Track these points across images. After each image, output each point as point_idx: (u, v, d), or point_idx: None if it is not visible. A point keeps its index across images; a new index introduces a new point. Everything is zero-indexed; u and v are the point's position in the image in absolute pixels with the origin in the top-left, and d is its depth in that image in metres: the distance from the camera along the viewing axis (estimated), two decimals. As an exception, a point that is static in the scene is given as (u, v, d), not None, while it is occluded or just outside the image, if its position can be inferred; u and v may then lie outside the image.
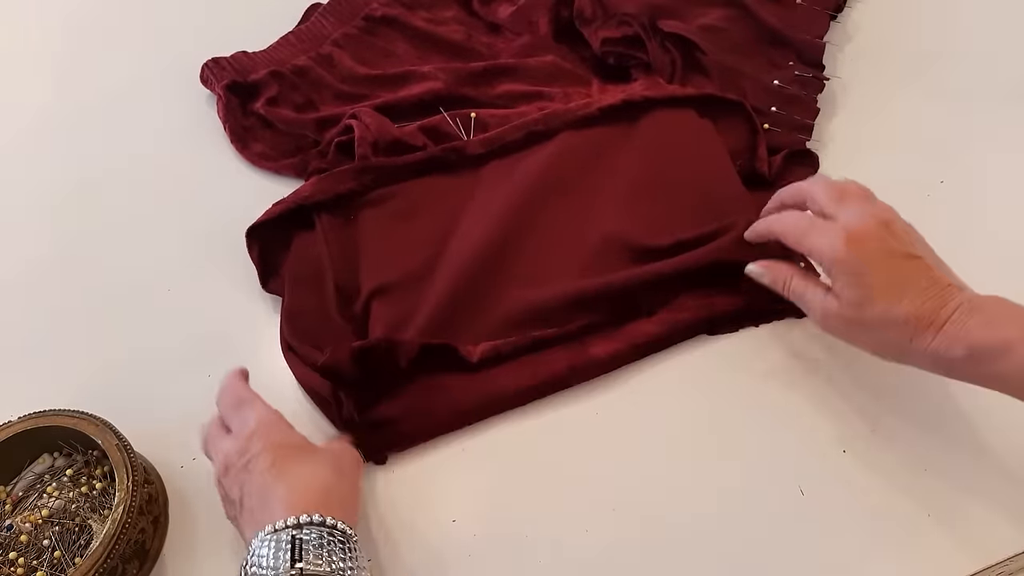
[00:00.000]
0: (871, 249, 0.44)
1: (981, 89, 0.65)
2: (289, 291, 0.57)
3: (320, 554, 0.39)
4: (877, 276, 0.44)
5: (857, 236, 0.44)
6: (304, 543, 0.39)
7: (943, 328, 0.42)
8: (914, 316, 0.42)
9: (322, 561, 0.39)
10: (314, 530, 0.40)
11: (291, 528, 0.40)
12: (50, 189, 0.67)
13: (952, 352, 0.41)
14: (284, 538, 0.39)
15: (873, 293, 0.43)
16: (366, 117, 0.62)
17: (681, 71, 0.64)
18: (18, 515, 0.49)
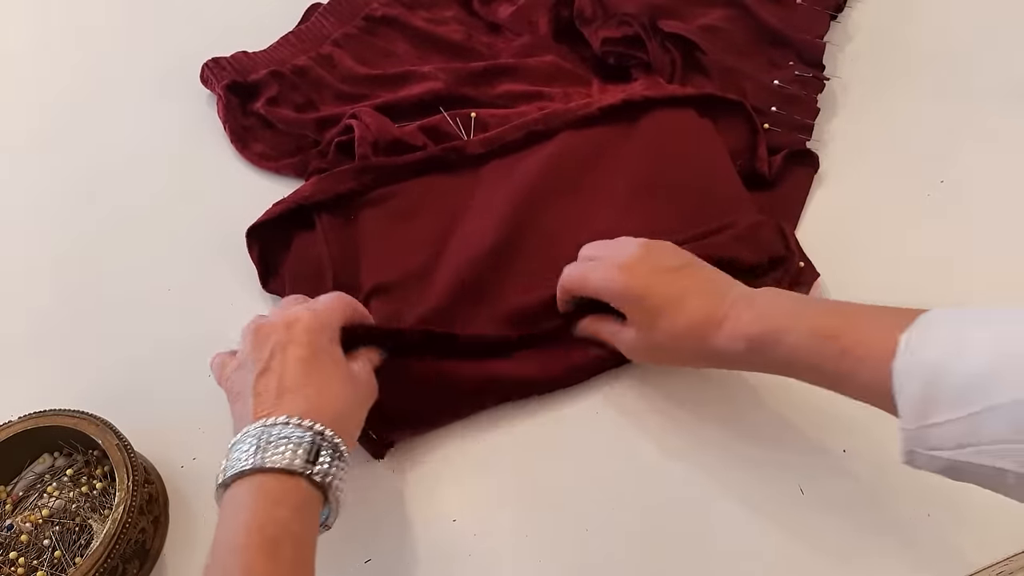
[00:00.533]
0: (640, 272, 0.47)
1: (981, 89, 0.65)
2: (290, 291, 0.57)
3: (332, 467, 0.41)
4: (656, 294, 0.46)
5: (626, 264, 0.48)
6: (322, 449, 0.41)
7: (722, 325, 0.44)
8: (697, 321, 0.45)
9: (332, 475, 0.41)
10: (328, 446, 0.41)
11: (315, 432, 0.41)
12: (50, 189, 0.67)
13: (735, 347, 0.44)
14: (306, 437, 0.40)
15: (657, 312, 0.46)
16: (366, 117, 0.62)
17: (681, 71, 0.64)
18: (18, 515, 0.49)
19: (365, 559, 0.49)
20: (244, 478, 0.40)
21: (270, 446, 0.40)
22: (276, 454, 0.40)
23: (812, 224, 0.59)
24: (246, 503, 0.39)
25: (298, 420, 0.41)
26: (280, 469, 0.39)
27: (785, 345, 0.42)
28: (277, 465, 0.39)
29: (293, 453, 0.40)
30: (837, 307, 0.42)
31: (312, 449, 0.40)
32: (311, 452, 0.40)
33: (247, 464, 0.40)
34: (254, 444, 0.40)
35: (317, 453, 0.41)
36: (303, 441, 0.40)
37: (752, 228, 0.55)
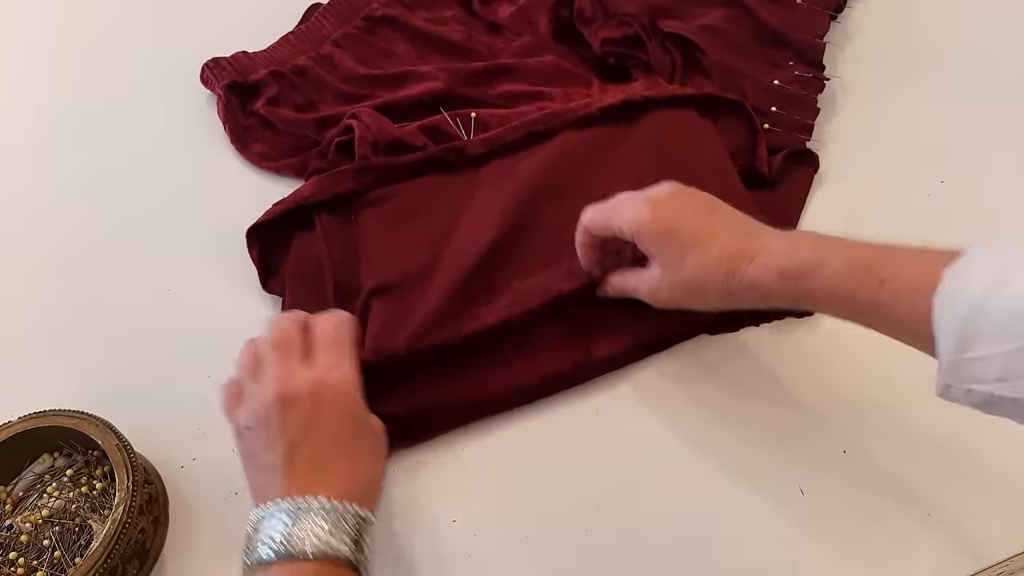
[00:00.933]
0: (674, 208, 0.46)
1: (981, 89, 0.65)
2: (289, 291, 0.57)
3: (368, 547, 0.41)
4: (685, 230, 0.45)
5: (658, 199, 0.46)
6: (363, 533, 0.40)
7: (754, 260, 0.43)
8: (726, 254, 0.44)
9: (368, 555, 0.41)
10: (366, 526, 0.41)
11: (355, 516, 0.40)
12: (50, 189, 0.67)
13: (766, 279, 0.43)
14: (349, 522, 0.40)
15: (685, 246, 0.45)
16: (366, 117, 0.62)
17: (681, 71, 0.64)
18: (18, 515, 0.49)
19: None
20: (284, 564, 0.38)
21: (314, 533, 0.39)
22: (320, 542, 0.38)
23: (812, 224, 0.59)
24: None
25: (342, 506, 0.40)
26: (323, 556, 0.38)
27: (820, 276, 0.41)
28: (321, 553, 0.38)
29: (339, 540, 0.39)
30: (875, 244, 0.41)
31: (354, 534, 0.40)
32: (353, 537, 0.40)
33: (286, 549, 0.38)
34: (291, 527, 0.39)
35: (359, 536, 0.40)
36: (346, 527, 0.40)
37: None
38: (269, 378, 0.44)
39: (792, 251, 0.43)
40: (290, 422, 0.43)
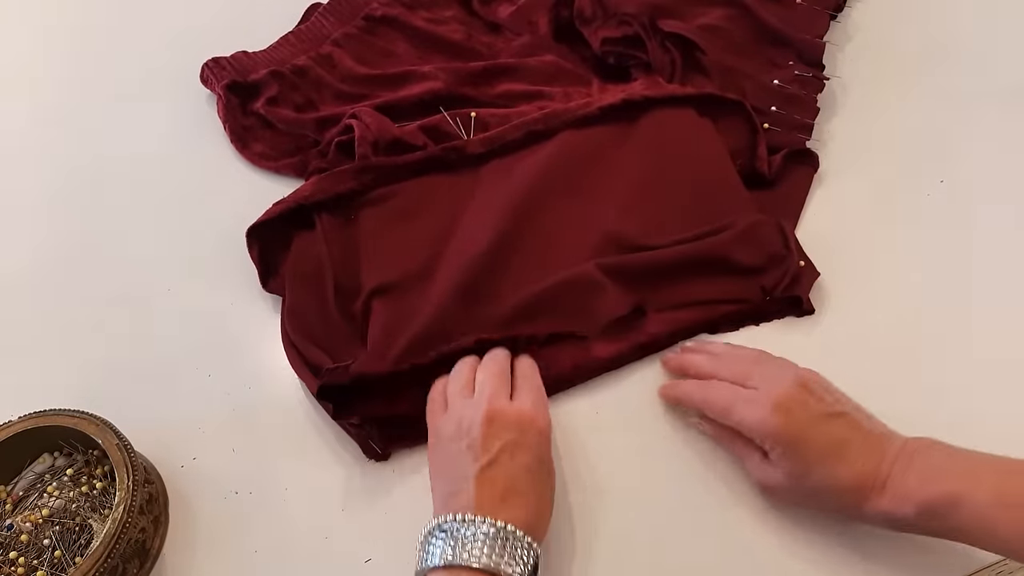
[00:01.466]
0: (799, 417, 0.44)
1: (981, 89, 0.65)
2: (290, 290, 0.57)
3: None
4: (811, 444, 0.44)
5: (782, 405, 0.44)
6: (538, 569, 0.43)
7: (886, 487, 0.42)
8: (856, 480, 0.43)
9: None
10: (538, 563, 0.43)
11: (535, 553, 0.42)
12: (51, 188, 0.67)
13: (903, 512, 0.42)
14: (532, 557, 0.42)
15: (810, 462, 0.44)
16: (366, 117, 0.62)
17: (681, 71, 0.64)
18: (19, 514, 0.49)
19: (365, 559, 0.49)
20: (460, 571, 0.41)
21: (504, 551, 0.41)
22: (511, 563, 0.41)
23: (812, 223, 0.59)
24: None
25: (521, 534, 0.42)
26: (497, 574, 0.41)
27: (964, 512, 0.40)
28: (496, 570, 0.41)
29: (524, 568, 0.41)
30: (1013, 465, 0.40)
31: (529, 562, 0.42)
32: (529, 565, 0.42)
33: (464, 559, 0.41)
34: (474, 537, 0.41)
35: (535, 572, 0.42)
36: (530, 558, 0.42)
37: (751, 227, 0.55)
38: (483, 397, 0.47)
39: (927, 481, 0.41)
40: (494, 441, 0.45)
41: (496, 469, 0.44)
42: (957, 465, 0.41)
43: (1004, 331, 0.53)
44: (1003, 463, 0.41)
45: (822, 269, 0.56)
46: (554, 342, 0.54)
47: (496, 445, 0.44)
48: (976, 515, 0.39)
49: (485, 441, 0.45)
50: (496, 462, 0.44)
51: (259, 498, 0.51)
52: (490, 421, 0.45)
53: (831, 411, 0.44)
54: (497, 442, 0.45)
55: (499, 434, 0.45)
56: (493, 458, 0.44)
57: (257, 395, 0.55)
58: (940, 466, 0.42)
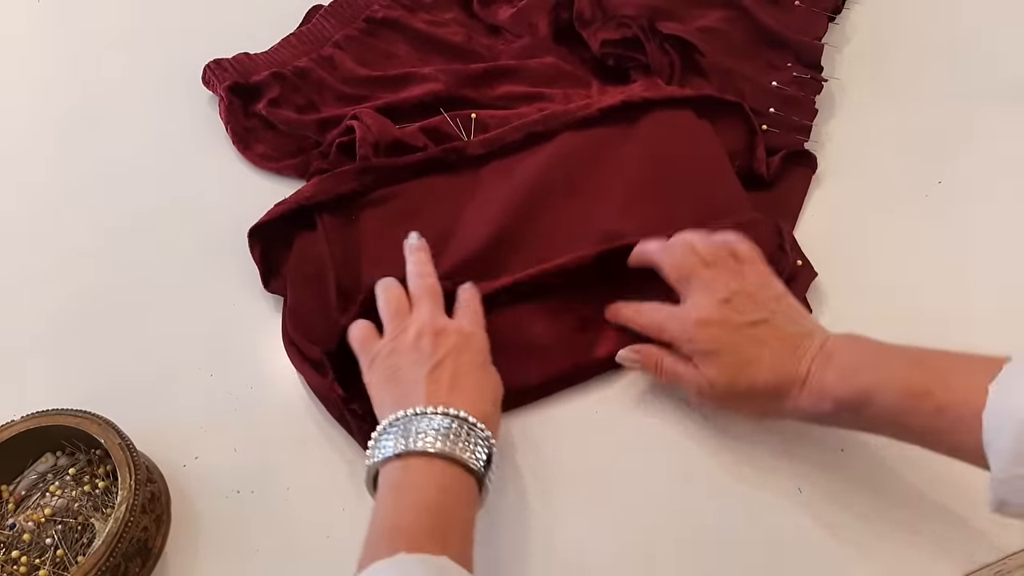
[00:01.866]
0: (718, 331, 0.47)
1: (979, 90, 0.65)
2: (291, 291, 0.57)
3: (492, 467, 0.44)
4: (731, 354, 0.46)
5: (703, 320, 0.47)
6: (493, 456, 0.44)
7: (805, 385, 0.44)
8: (776, 382, 0.45)
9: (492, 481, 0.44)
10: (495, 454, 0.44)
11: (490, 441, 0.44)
12: (53, 191, 0.67)
13: (821, 408, 0.44)
14: (487, 442, 0.44)
15: (731, 371, 0.46)
16: (367, 118, 0.62)
17: (680, 73, 0.65)
18: (21, 514, 0.50)
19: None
20: (416, 457, 0.42)
21: (458, 439, 0.42)
22: (466, 449, 0.42)
23: (810, 224, 0.59)
24: (413, 487, 0.42)
25: (473, 420, 0.44)
26: (455, 459, 0.42)
27: (875, 405, 0.42)
28: (453, 454, 0.42)
29: (471, 449, 0.43)
30: (921, 358, 0.42)
31: (484, 450, 0.43)
32: (484, 452, 0.43)
33: (420, 445, 0.42)
34: (427, 426, 0.43)
35: (490, 459, 0.44)
36: (479, 440, 0.43)
37: (747, 225, 0.55)
38: (425, 312, 0.50)
39: (840, 378, 0.43)
40: (440, 347, 0.47)
41: (443, 369, 0.46)
42: (871, 360, 0.43)
43: (1003, 331, 0.53)
44: (913, 354, 0.42)
45: (819, 269, 0.56)
46: (554, 341, 0.54)
47: (441, 351, 0.47)
48: (887, 407, 0.41)
49: (433, 348, 0.47)
50: (442, 363, 0.46)
51: (261, 497, 0.52)
52: (435, 332, 0.48)
53: (751, 320, 0.47)
54: (442, 348, 0.47)
55: (444, 343, 0.48)
56: (439, 360, 0.47)
57: (259, 395, 0.55)
58: (856, 362, 0.43)
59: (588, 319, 0.54)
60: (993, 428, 0.37)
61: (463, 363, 0.47)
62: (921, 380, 0.41)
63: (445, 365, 0.46)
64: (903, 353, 0.43)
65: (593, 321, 0.54)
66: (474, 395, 0.46)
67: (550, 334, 0.54)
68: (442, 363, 0.46)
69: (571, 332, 0.54)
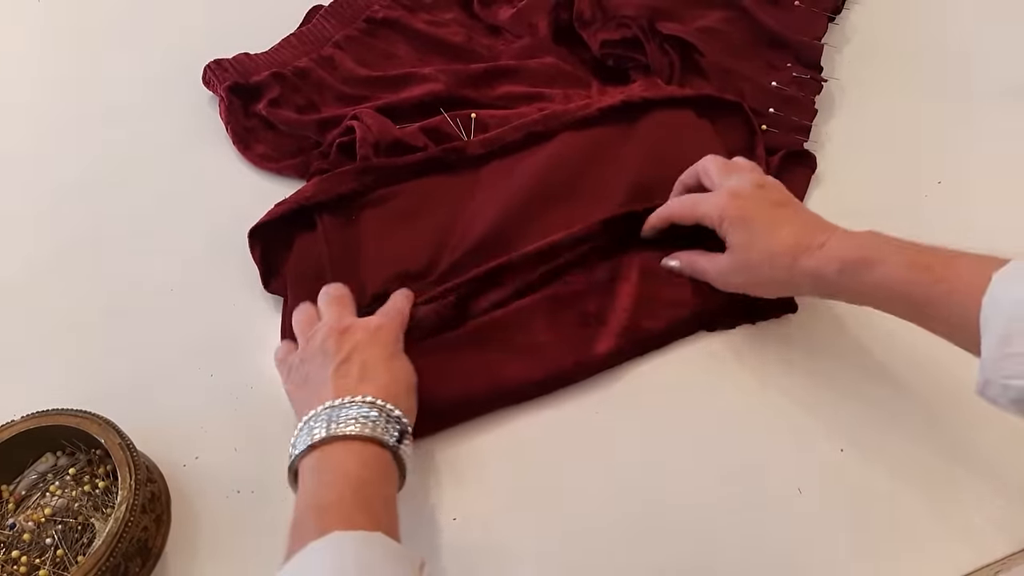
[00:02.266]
0: (751, 200, 0.50)
1: (978, 90, 0.65)
2: (291, 291, 0.57)
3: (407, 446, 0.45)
4: (759, 219, 0.49)
5: (737, 192, 0.51)
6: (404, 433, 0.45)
7: (820, 250, 0.47)
8: (793, 243, 0.48)
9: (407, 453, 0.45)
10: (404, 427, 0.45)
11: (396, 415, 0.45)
12: (53, 190, 0.67)
13: (828, 269, 0.46)
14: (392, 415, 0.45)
15: (757, 231, 0.49)
16: (367, 118, 0.62)
17: (679, 73, 0.65)
18: (21, 514, 0.50)
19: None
20: (332, 443, 0.43)
21: (360, 418, 0.43)
22: (367, 425, 0.43)
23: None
24: (333, 467, 0.42)
25: (382, 402, 0.45)
26: (370, 438, 0.43)
27: (879, 271, 0.44)
28: (367, 434, 0.43)
29: (383, 428, 0.44)
30: (935, 247, 0.44)
31: (396, 428, 0.44)
32: (396, 430, 0.44)
33: (333, 431, 0.43)
34: (340, 415, 0.44)
35: (403, 435, 0.45)
36: (390, 419, 0.44)
37: None
38: (328, 317, 0.51)
39: (854, 246, 0.46)
40: (345, 344, 0.48)
41: (350, 363, 0.47)
42: (888, 240, 0.46)
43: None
44: (920, 244, 0.45)
45: (820, 269, 0.56)
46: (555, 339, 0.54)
47: (347, 348, 0.48)
48: (889, 275, 0.44)
49: (337, 345, 0.48)
50: (349, 359, 0.47)
51: (261, 497, 0.52)
52: (339, 334, 0.49)
53: (780, 199, 0.51)
54: (348, 345, 0.48)
55: (349, 339, 0.49)
56: (345, 356, 0.47)
57: (259, 395, 0.55)
58: (872, 238, 0.46)
59: (589, 316, 0.54)
60: (990, 309, 0.39)
61: (371, 356, 0.48)
62: (927, 258, 0.43)
63: (352, 359, 0.47)
64: (918, 244, 0.45)
65: (594, 318, 0.54)
66: (384, 382, 0.46)
67: (551, 331, 0.54)
68: (349, 358, 0.47)
69: (572, 329, 0.54)
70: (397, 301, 0.54)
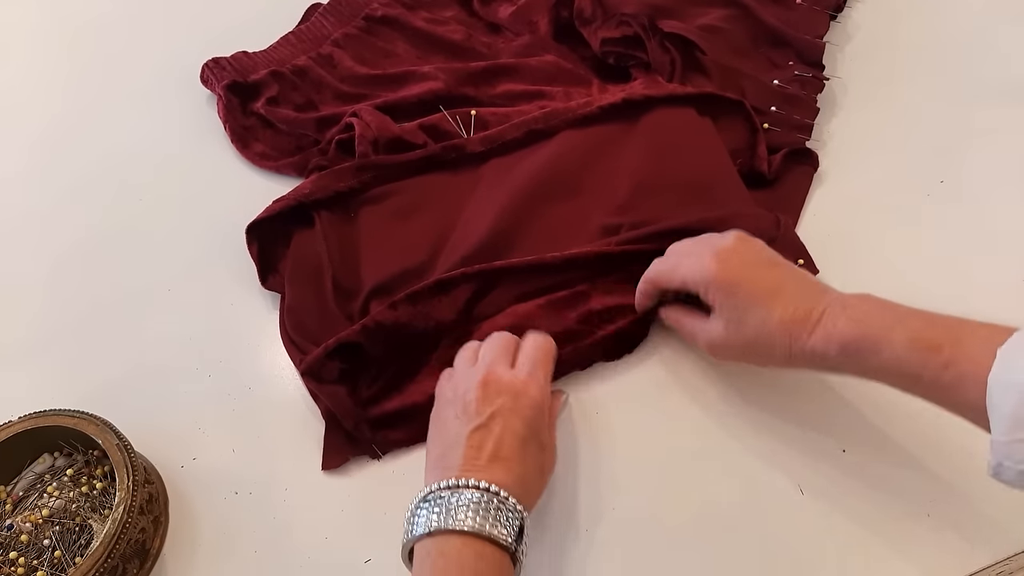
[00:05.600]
0: (737, 263, 0.46)
1: (981, 88, 0.65)
2: (289, 288, 0.57)
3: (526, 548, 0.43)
4: (749, 286, 0.46)
5: (722, 253, 0.47)
6: (524, 531, 0.43)
7: (816, 327, 0.43)
8: (789, 319, 0.44)
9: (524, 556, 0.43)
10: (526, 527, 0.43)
11: (523, 516, 0.43)
12: (50, 189, 0.67)
13: (828, 350, 0.43)
14: (518, 517, 0.42)
15: (747, 304, 0.45)
16: (367, 115, 0.62)
17: (681, 71, 0.64)
18: (18, 515, 0.50)
19: (365, 559, 0.49)
20: (462, 536, 0.41)
21: (489, 515, 0.41)
22: (498, 526, 0.41)
23: (812, 222, 0.59)
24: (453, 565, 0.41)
25: (514, 501, 0.42)
26: (498, 542, 0.41)
27: (883, 353, 0.41)
28: (498, 538, 0.41)
29: (510, 530, 0.42)
30: (936, 318, 0.42)
31: (520, 530, 0.42)
32: (520, 532, 0.42)
33: (449, 525, 0.41)
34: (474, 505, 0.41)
35: (521, 534, 0.42)
36: (516, 520, 0.42)
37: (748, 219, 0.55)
38: (483, 363, 0.48)
39: (852, 322, 0.42)
40: (487, 406, 0.45)
41: (485, 433, 0.44)
42: (885, 312, 0.43)
43: (1004, 331, 0.53)
44: (928, 316, 0.42)
45: (821, 267, 0.56)
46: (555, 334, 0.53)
47: (488, 410, 0.45)
48: (895, 357, 0.41)
49: (479, 405, 0.45)
50: (486, 427, 0.45)
51: (259, 498, 0.51)
52: (485, 385, 0.46)
53: (768, 260, 0.47)
54: (489, 408, 0.45)
55: (492, 400, 0.46)
56: (483, 423, 0.45)
57: (257, 395, 0.55)
58: (870, 312, 0.43)
59: (592, 314, 0.54)
60: (997, 391, 0.37)
61: (508, 431, 0.45)
62: (933, 335, 0.40)
63: (490, 428, 0.45)
64: (917, 311, 0.42)
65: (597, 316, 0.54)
66: (511, 466, 0.44)
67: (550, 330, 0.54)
68: (486, 426, 0.45)
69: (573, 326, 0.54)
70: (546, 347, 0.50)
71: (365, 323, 0.52)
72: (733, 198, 0.58)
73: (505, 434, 0.44)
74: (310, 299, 0.56)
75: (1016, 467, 0.37)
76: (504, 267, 0.54)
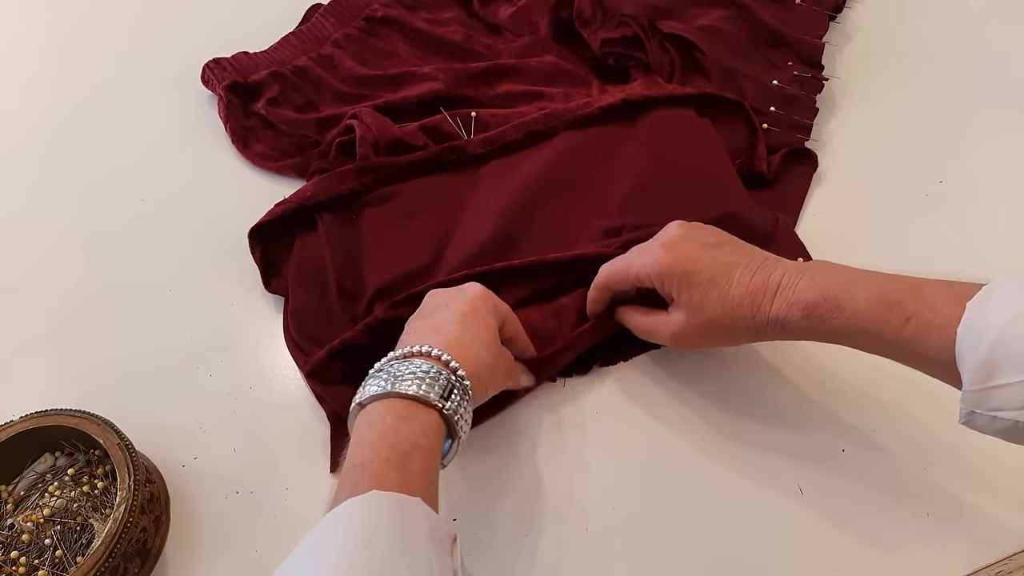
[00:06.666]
0: (687, 249, 0.47)
1: (980, 89, 0.65)
2: (293, 291, 0.57)
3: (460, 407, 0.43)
4: (703, 268, 0.46)
5: (669, 243, 0.48)
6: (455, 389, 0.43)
7: (777, 294, 0.44)
8: (748, 291, 0.45)
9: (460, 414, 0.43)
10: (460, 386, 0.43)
11: (450, 371, 0.43)
12: (51, 190, 0.67)
13: (791, 314, 0.43)
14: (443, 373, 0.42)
15: (706, 285, 0.46)
16: (367, 117, 0.62)
17: (680, 71, 0.65)
18: (20, 514, 0.50)
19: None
20: (378, 400, 0.42)
21: (409, 375, 0.42)
22: (413, 383, 0.41)
23: (811, 223, 0.59)
24: (375, 421, 0.41)
25: (438, 353, 0.43)
26: (412, 396, 0.41)
27: (846, 311, 0.41)
28: (410, 392, 0.41)
29: (429, 386, 0.42)
30: (896, 276, 0.42)
31: (447, 386, 0.42)
32: (445, 388, 0.42)
33: (383, 388, 0.42)
34: (393, 372, 0.42)
35: (450, 391, 0.42)
36: (439, 376, 0.42)
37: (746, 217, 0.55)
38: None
39: (812, 285, 0.43)
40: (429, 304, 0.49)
41: (424, 318, 0.47)
42: (845, 274, 0.43)
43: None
44: (887, 275, 0.42)
45: (821, 269, 0.56)
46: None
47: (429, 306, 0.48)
48: (858, 315, 0.41)
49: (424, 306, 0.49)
50: (426, 314, 0.48)
51: (260, 498, 0.51)
52: (431, 294, 0.49)
53: (716, 240, 0.48)
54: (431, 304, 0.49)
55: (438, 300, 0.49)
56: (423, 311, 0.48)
57: (258, 395, 0.55)
58: (826, 272, 0.43)
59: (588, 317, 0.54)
60: (967, 341, 0.37)
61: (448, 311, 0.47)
62: (894, 291, 0.40)
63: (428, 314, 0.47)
64: (877, 273, 0.43)
65: None
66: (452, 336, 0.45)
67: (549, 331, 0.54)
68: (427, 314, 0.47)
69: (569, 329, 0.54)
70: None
71: (368, 322, 0.53)
72: (732, 198, 0.58)
73: (444, 313, 0.47)
74: (314, 302, 0.56)
75: (988, 414, 0.37)
76: (506, 268, 0.55)
